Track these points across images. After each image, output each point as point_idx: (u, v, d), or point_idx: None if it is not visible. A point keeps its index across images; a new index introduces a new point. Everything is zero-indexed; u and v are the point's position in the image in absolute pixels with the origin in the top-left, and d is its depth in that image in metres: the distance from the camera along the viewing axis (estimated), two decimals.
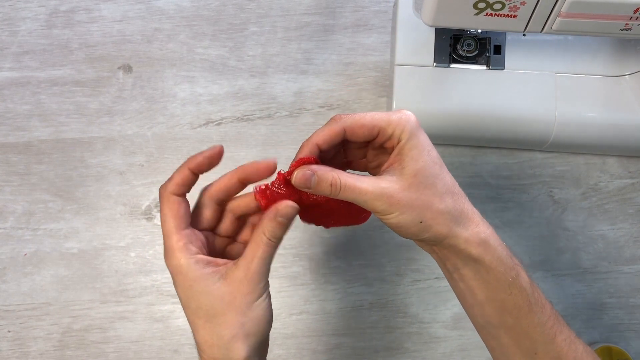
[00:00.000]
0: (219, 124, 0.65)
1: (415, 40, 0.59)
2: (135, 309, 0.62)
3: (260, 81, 0.66)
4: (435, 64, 0.58)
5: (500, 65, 0.59)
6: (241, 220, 0.43)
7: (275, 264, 0.63)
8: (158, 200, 0.64)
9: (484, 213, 0.63)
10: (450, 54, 0.59)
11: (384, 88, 0.66)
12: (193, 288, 0.36)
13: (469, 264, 0.39)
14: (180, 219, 0.38)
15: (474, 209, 0.39)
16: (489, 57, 0.59)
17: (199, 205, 0.41)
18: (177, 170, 0.39)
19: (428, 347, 0.62)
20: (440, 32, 0.59)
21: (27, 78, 0.66)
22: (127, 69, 0.66)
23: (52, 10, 0.67)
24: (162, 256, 0.64)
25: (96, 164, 0.64)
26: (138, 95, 0.66)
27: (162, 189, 0.38)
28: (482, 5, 0.45)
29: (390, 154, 0.39)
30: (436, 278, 0.62)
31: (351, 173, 0.38)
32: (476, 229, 0.38)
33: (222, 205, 0.41)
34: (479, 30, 0.58)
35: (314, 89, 0.66)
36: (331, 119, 0.41)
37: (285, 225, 0.37)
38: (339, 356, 0.62)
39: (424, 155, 0.37)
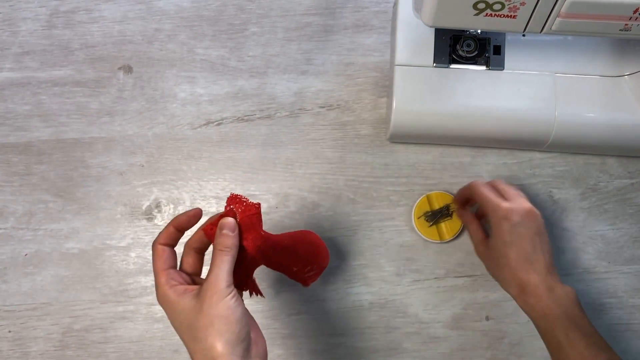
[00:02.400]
0: (219, 124, 0.65)
1: (415, 41, 0.59)
2: (136, 309, 0.62)
3: (260, 81, 0.66)
4: (435, 64, 0.59)
5: (500, 66, 0.59)
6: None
7: None
8: (158, 200, 0.64)
9: None
10: (450, 55, 0.59)
11: (384, 88, 0.66)
12: (175, 310, 0.43)
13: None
14: (164, 262, 0.45)
15: (544, 280, 0.51)
16: (489, 57, 0.59)
17: (183, 255, 0.48)
18: (165, 227, 0.47)
19: (428, 347, 0.62)
20: (440, 33, 0.59)
21: (27, 78, 0.66)
22: (128, 69, 0.66)
23: (52, 10, 0.67)
24: None
25: (96, 164, 0.64)
26: (138, 95, 0.66)
27: (153, 242, 0.47)
28: (481, 5, 0.45)
29: None
30: (436, 278, 0.62)
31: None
32: (538, 304, 0.51)
33: (201, 252, 0.49)
34: (479, 31, 0.58)
35: (314, 89, 0.66)
36: (471, 183, 0.57)
37: (229, 236, 0.45)
38: (338, 356, 0.62)
39: (501, 237, 0.53)
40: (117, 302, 0.62)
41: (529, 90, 0.58)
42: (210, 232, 0.46)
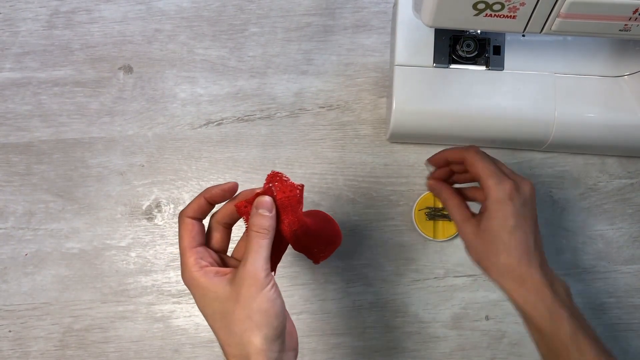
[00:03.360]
0: (219, 125, 0.65)
1: (414, 41, 0.59)
2: (136, 309, 0.62)
3: (260, 82, 0.66)
4: (434, 64, 0.59)
5: (500, 66, 0.59)
6: None
7: None
8: (159, 200, 0.64)
9: None
10: (449, 55, 0.59)
11: (384, 88, 0.66)
12: (206, 296, 0.40)
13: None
14: (192, 238, 0.42)
15: (545, 273, 0.46)
16: (489, 57, 0.59)
17: (209, 230, 0.45)
18: (195, 197, 0.43)
19: (427, 347, 0.62)
20: (439, 33, 0.59)
21: (27, 78, 0.66)
22: (128, 69, 0.66)
23: (52, 10, 0.68)
24: (162, 256, 0.64)
25: (97, 164, 0.64)
26: (138, 95, 0.66)
27: (180, 213, 0.43)
28: (481, 6, 0.45)
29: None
30: (435, 278, 0.63)
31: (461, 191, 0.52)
32: (535, 297, 0.45)
33: (229, 227, 0.45)
34: (479, 31, 0.59)
35: (314, 89, 0.66)
36: (469, 147, 0.50)
37: (266, 216, 0.41)
38: (338, 356, 0.62)
39: (503, 219, 0.46)
40: (117, 302, 0.62)
41: (529, 90, 0.58)
42: (244, 210, 0.42)
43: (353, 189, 0.64)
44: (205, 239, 0.44)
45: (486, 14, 0.46)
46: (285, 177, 0.43)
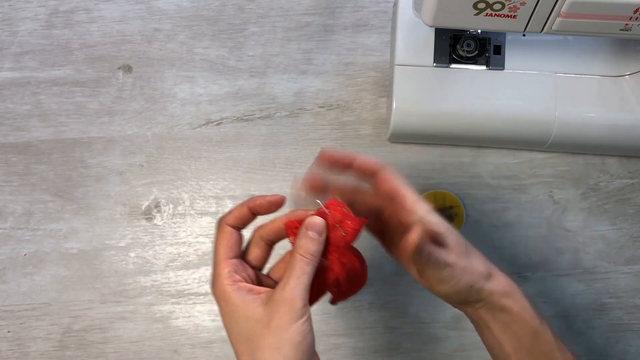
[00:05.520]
0: (218, 124, 0.65)
1: (415, 41, 0.59)
2: (135, 309, 0.62)
3: (260, 81, 0.66)
4: (435, 64, 0.58)
5: (500, 66, 0.59)
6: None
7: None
8: (158, 200, 0.64)
9: (483, 214, 0.63)
10: (450, 54, 0.59)
11: (384, 88, 0.66)
12: (235, 314, 0.37)
13: (499, 318, 0.42)
14: (230, 248, 0.39)
15: (494, 266, 0.43)
16: (489, 57, 0.59)
17: (249, 243, 0.42)
18: (238, 205, 0.41)
19: (427, 347, 0.62)
20: (440, 32, 0.59)
21: (27, 78, 0.66)
22: (127, 69, 0.66)
23: (51, 10, 0.67)
24: (161, 256, 0.64)
25: (96, 164, 0.64)
26: (138, 95, 0.66)
27: (219, 220, 0.40)
28: (482, 5, 0.45)
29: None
30: None
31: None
32: (503, 283, 0.42)
33: (271, 245, 0.43)
34: (479, 31, 0.58)
35: (313, 89, 0.66)
36: (386, 163, 0.43)
37: (316, 239, 0.38)
38: (338, 356, 0.62)
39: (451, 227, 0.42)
40: (116, 302, 0.62)
41: (529, 90, 0.58)
42: (294, 230, 0.39)
43: None
44: (244, 252, 0.42)
45: (486, 14, 0.46)
46: (347, 209, 0.40)
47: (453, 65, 0.59)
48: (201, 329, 0.62)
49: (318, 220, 0.38)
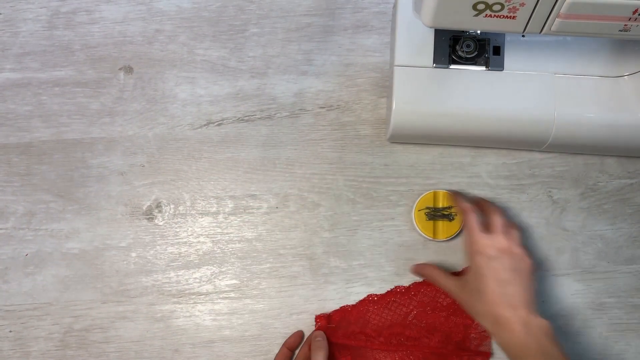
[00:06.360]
0: (219, 125, 0.65)
1: (414, 42, 0.59)
2: (136, 309, 0.62)
3: (260, 82, 0.66)
4: (434, 64, 0.59)
5: (500, 66, 0.59)
6: None
7: (275, 264, 0.64)
8: (159, 200, 0.64)
9: None
10: (449, 55, 0.59)
11: (384, 89, 0.66)
12: None
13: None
14: None
15: (518, 314, 0.50)
16: (488, 58, 0.59)
17: None
18: (279, 350, 0.61)
19: None
20: (439, 33, 0.59)
21: (28, 79, 0.66)
22: (128, 70, 0.66)
23: (53, 11, 0.68)
24: (162, 256, 0.64)
25: (97, 164, 0.65)
26: (139, 96, 0.66)
27: None
28: (481, 6, 0.45)
29: None
30: None
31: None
32: (505, 335, 0.50)
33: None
34: (478, 32, 0.59)
35: (314, 89, 0.66)
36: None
37: (321, 344, 0.57)
38: None
39: (476, 270, 0.54)
40: (117, 302, 0.62)
41: (529, 90, 0.58)
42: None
43: (353, 189, 0.64)
44: None
45: (486, 15, 0.46)
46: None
47: (452, 66, 0.59)
48: (202, 329, 0.62)
49: (318, 332, 0.60)
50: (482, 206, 0.59)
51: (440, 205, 0.62)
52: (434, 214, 0.62)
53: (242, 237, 0.63)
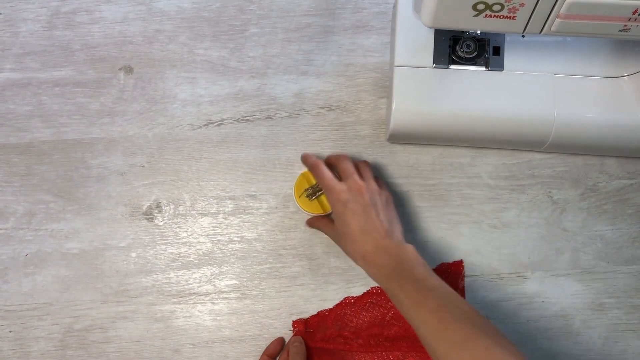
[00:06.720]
0: (219, 125, 0.65)
1: (414, 42, 0.59)
2: (136, 309, 0.62)
3: (260, 82, 0.66)
4: (434, 65, 0.59)
5: (499, 67, 0.59)
6: None
7: (275, 264, 0.64)
8: (159, 200, 0.64)
9: (483, 214, 0.63)
10: (449, 55, 0.59)
11: (384, 89, 0.66)
12: None
13: None
14: None
15: (381, 244, 0.53)
16: (488, 58, 0.59)
17: None
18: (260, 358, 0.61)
19: None
20: (439, 34, 0.59)
21: (28, 79, 0.66)
22: (128, 70, 0.66)
23: (53, 11, 0.68)
24: (162, 256, 0.64)
25: (97, 164, 0.65)
26: (139, 96, 0.66)
27: None
28: (481, 6, 0.45)
29: None
30: None
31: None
32: (372, 268, 0.53)
33: None
34: (478, 32, 0.59)
35: (314, 90, 0.66)
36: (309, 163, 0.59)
37: (299, 349, 0.58)
38: None
39: (339, 216, 0.55)
40: (117, 302, 0.62)
41: (529, 91, 0.58)
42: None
43: None
44: None
45: (486, 15, 0.46)
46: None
47: (452, 66, 0.59)
48: (202, 329, 0.62)
49: (295, 338, 0.61)
50: (330, 160, 0.60)
51: (314, 182, 0.61)
52: (314, 192, 0.61)
53: (242, 238, 0.63)
